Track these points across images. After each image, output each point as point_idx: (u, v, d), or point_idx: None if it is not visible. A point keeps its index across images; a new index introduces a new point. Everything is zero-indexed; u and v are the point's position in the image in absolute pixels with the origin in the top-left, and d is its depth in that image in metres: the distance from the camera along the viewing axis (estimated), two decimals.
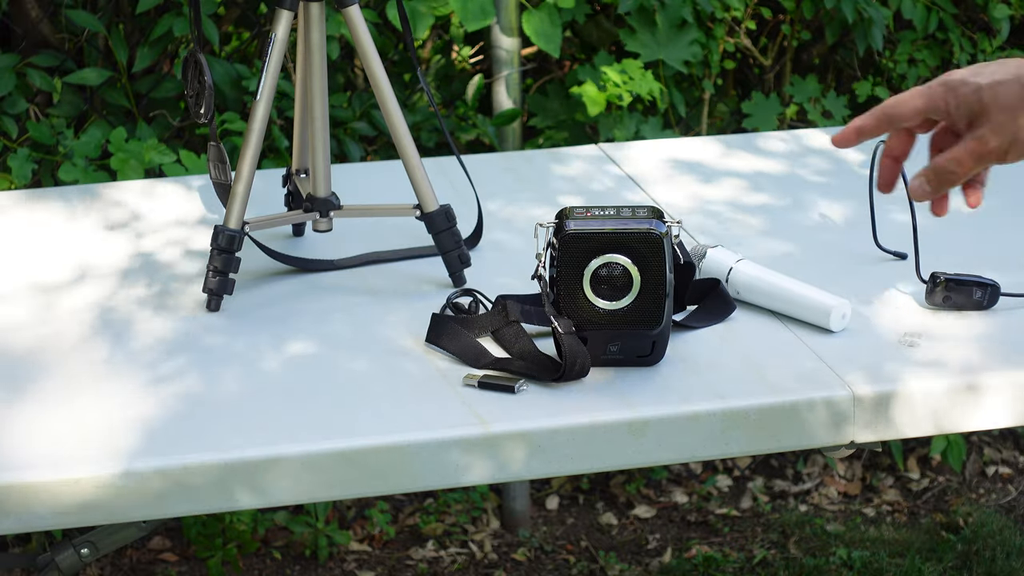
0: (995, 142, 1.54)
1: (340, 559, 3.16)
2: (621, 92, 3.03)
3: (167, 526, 3.11)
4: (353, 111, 3.01)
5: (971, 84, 1.53)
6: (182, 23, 2.86)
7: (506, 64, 3.13)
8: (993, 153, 1.54)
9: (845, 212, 2.18)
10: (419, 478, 1.67)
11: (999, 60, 1.55)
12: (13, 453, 1.63)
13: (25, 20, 2.90)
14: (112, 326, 1.90)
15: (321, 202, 2.03)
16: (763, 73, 3.36)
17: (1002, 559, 3.12)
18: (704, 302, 1.90)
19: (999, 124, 1.53)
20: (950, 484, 3.41)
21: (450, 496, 3.29)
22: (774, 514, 3.30)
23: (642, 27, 3.12)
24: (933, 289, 1.91)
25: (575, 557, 3.18)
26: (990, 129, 1.54)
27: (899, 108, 1.57)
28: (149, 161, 2.75)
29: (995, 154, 1.54)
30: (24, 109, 2.85)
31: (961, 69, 1.56)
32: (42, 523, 1.60)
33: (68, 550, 1.94)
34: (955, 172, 1.56)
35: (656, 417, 1.71)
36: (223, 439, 1.66)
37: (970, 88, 1.54)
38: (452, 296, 1.94)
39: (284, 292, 1.99)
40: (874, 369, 1.79)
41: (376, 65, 1.98)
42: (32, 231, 2.19)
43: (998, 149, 1.54)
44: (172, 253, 2.11)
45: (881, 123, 1.58)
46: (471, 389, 1.75)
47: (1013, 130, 1.53)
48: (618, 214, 1.75)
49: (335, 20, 2.87)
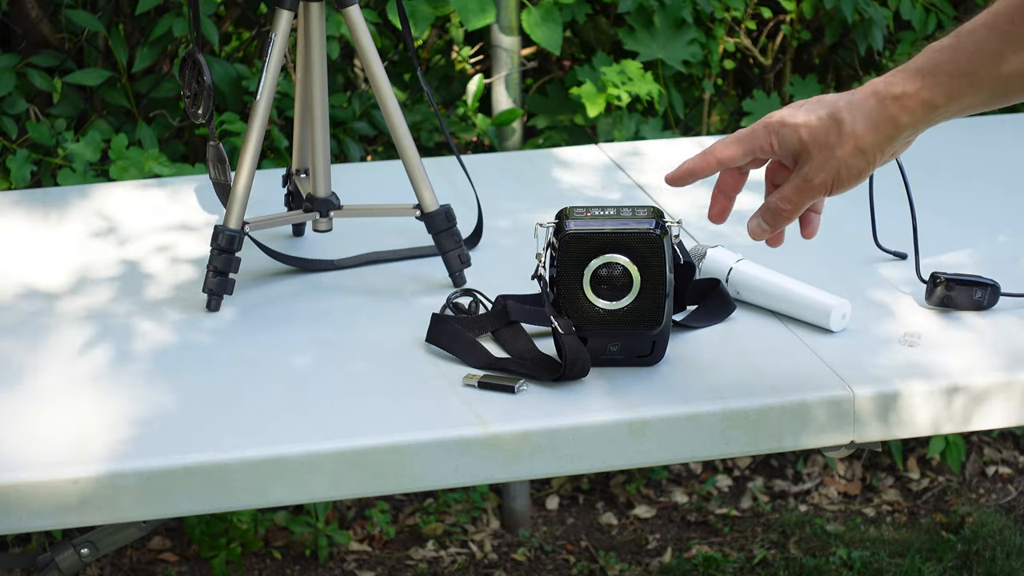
0: (819, 179, 1.59)
1: (340, 559, 3.16)
2: (620, 93, 3.03)
3: (167, 526, 3.11)
4: (353, 111, 3.01)
5: (790, 125, 1.59)
6: (182, 23, 2.86)
7: (506, 64, 3.13)
8: (818, 189, 1.60)
9: (845, 212, 2.18)
10: (419, 478, 1.67)
11: (816, 98, 1.60)
12: (13, 453, 1.63)
13: (25, 20, 2.90)
14: (112, 326, 1.90)
15: (321, 202, 2.03)
16: (763, 73, 3.36)
17: (1002, 559, 3.12)
18: (704, 302, 1.90)
19: (821, 161, 1.58)
20: (950, 484, 3.41)
21: (450, 496, 3.29)
22: (774, 514, 3.30)
23: (641, 27, 3.12)
24: (933, 289, 1.91)
25: (575, 557, 3.18)
26: (813, 167, 1.59)
27: (725, 153, 1.64)
28: (148, 171, 2.75)
29: (821, 189, 1.60)
30: (24, 109, 2.85)
31: (780, 110, 1.61)
32: (42, 523, 1.60)
33: (68, 550, 1.94)
34: (787, 210, 1.62)
35: (656, 417, 1.71)
36: (223, 439, 1.66)
37: (789, 129, 1.59)
38: (452, 296, 1.94)
39: (284, 292, 1.99)
40: (874, 369, 1.79)
41: (376, 65, 1.98)
42: (30, 232, 2.19)
43: (823, 185, 1.59)
44: (172, 253, 2.10)
45: (711, 165, 1.65)
46: (471, 389, 1.75)
47: (835, 166, 1.58)
48: (618, 214, 1.76)
49: (335, 20, 2.87)
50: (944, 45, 1.53)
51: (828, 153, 1.57)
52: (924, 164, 2.19)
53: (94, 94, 2.94)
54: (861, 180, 1.59)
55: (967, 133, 2.60)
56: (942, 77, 1.53)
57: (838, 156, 1.57)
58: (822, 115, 1.57)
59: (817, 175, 1.59)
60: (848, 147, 1.57)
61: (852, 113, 1.56)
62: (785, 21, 3.32)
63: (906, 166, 2.01)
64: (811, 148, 1.58)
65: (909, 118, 1.55)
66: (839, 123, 1.56)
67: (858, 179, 1.59)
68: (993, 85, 1.52)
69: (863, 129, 1.56)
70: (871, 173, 1.59)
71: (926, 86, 1.53)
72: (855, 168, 1.58)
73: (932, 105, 1.54)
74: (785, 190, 1.62)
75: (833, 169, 1.58)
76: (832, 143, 1.57)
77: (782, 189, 1.62)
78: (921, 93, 1.53)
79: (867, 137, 1.56)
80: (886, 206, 2.07)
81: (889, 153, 1.59)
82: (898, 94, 1.54)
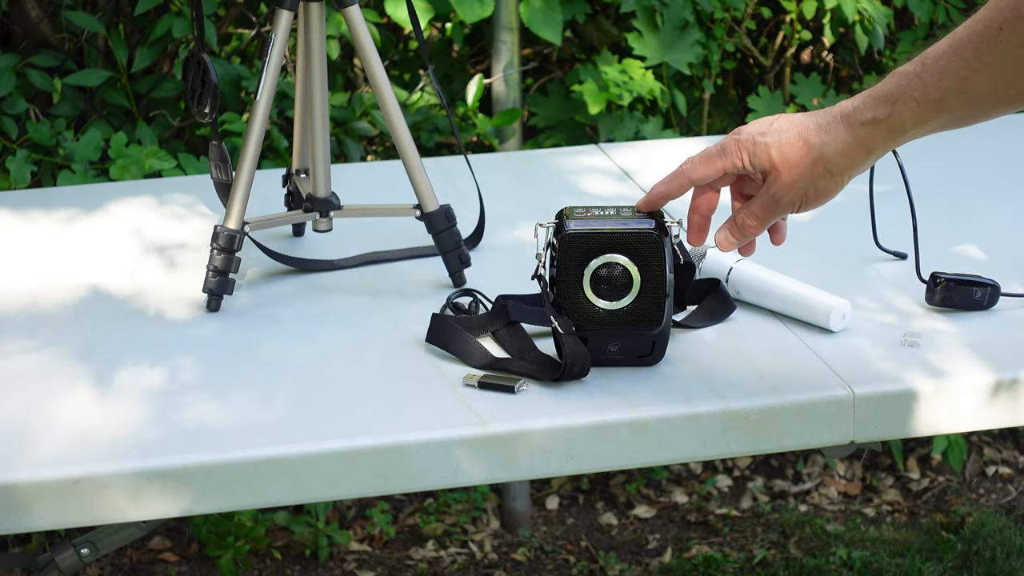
0: (787, 198, 1.62)
1: (340, 559, 3.16)
2: (622, 92, 3.03)
3: (167, 526, 3.11)
4: (353, 111, 3.01)
5: (760, 143, 1.62)
6: (182, 23, 2.86)
7: (506, 64, 3.13)
8: (786, 207, 1.63)
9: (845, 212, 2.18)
10: (419, 478, 1.67)
11: (786, 116, 1.63)
12: (13, 453, 1.63)
13: (25, 20, 2.90)
14: (112, 326, 1.90)
15: (321, 202, 2.03)
16: (763, 73, 3.36)
17: (1002, 559, 3.12)
18: (704, 302, 1.90)
19: (790, 182, 1.61)
20: (950, 484, 3.41)
21: (450, 496, 3.29)
22: (774, 514, 3.30)
23: (648, 30, 3.12)
24: (933, 289, 1.91)
25: (575, 557, 3.18)
26: (781, 187, 1.62)
27: (697, 172, 1.66)
28: (149, 168, 2.75)
29: (788, 208, 1.63)
30: (24, 109, 2.85)
31: (749, 125, 1.64)
32: (42, 523, 1.60)
33: (68, 550, 1.94)
34: (753, 226, 1.65)
35: (656, 417, 1.71)
36: (223, 439, 1.66)
37: (760, 147, 1.62)
38: (452, 296, 1.94)
39: (284, 292, 2.00)
40: (874, 369, 1.79)
41: (376, 65, 1.98)
42: (30, 232, 2.19)
43: (790, 204, 1.63)
44: (172, 253, 2.10)
45: (683, 186, 1.68)
46: (471, 389, 1.75)
47: (803, 186, 1.61)
48: (618, 214, 1.76)
49: (335, 20, 2.87)
50: (910, 71, 1.56)
51: (797, 174, 1.60)
52: (924, 164, 2.19)
53: (94, 94, 2.94)
54: (828, 199, 1.62)
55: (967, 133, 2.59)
56: (911, 103, 1.56)
57: (807, 177, 1.60)
58: (792, 136, 1.60)
59: (785, 195, 1.62)
60: (818, 169, 1.60)
61: (822, 137, 1.59)
62: (785, 21, 3.32)
63: (906, 166, 2.01)
64: (780, 168, 1.61)
65: (878, 143, 1.58)
66: (809, 147, 1.59)
67: (825, 199, 1.62)
68: (960, 109, 1.56)
69: (833, 153, 1.59)
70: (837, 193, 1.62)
71: (895, 113, 1.56)
72: (823, 189, 1.61)
73: (900, 130, 1.57)
74: (752, 207, 1.64)
75: (801, 190, 1.61)
76: (802, 165, 1.60)
77: (750, 205, 1.65)
78: (890, 120, 1.57)
79: (837, 161, 1.59)
80: (886, 206, 2.07)
81: (857, 173, 1.62)
82: (867, 120, 1.57)
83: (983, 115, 1.58)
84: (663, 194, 1.69)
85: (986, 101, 1.55)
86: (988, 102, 1.56)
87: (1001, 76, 1.53)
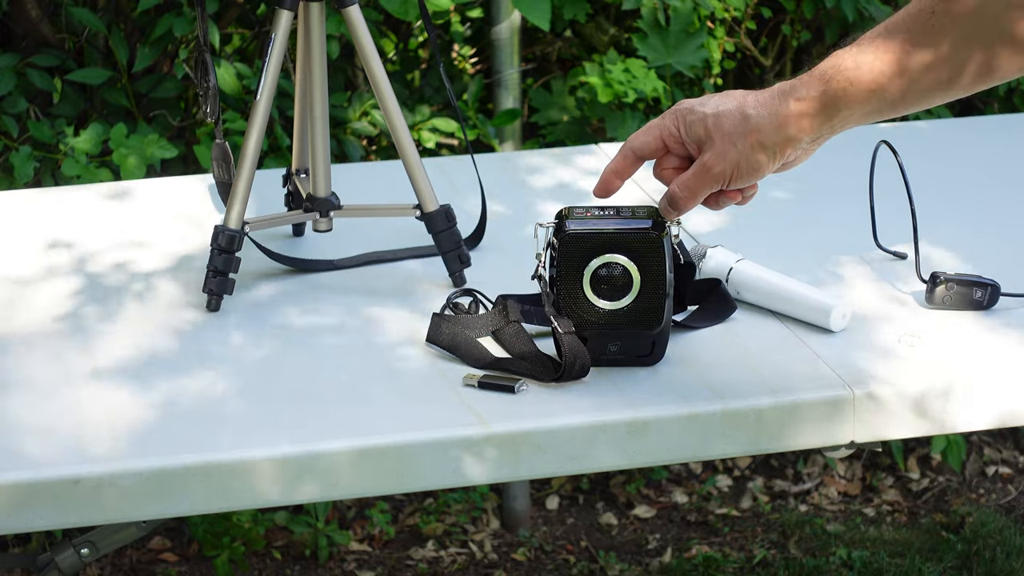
0: (718, 168, 1.63)
1: (340, 559, 3.16)
2: (627, 89, 3.03)
3: (167, 526, 3.11)
4: (353, 111, 3.01)
5: (698, 112, 1.64)
6: (182, 23, 2.86)
7: (506, 63, 3.13)
8: (717, 178, 1.64)
9: (845, 211, 2.18)
10: (419, 478, 1.67)
11: (727, 91, 1.65)
12: (13, 453, 1.63)
13: (25, 20, 2.90)
14: (112, 326, 1.90)
15: (321, 202, 2.03)
16: (763, 73, 3.36)
17: (1002, 559, 3.12)
18: (704, 302, 1.90)
19: (722, 151, 1.63)
20: (950, 484, 3.41)
21: (450, 496, 3.29)
22: (774, 514, 3.30)
23: (652, 31, 3.11)
24: (933, 289, 1.91)
25: (575, 557, 3.18)
26: (713, 156, 1.63)
27: (637, 141, 1.68)
28: (151, 156, 2.75)
29: (719, 179, 1.64)
30: (24, 109, 2.85)
31: (691, 99, 1.66)
32: (42, 523, 1.60)
33: (68, 550, 1.94)
34: (683, 196, 1.66)
35: (656, 417, 1.71)
36: (222, 439, 1.66)
37: (696, 116, 1.64)
38: (452, 296, 1.94)
39: (284, 292, 2.00)
40: (874, 369, 1.79)
41: (376, 65, 1.98)
42: (31, 230, 2.19)
43: (721, 175, 1.64)
44: (172, 253, 2.10)
45: (629, 160, 1.70)
46: (471, 389, 1.75)
47: (734, 156, 1.62)
48: (618, 214, 1.76)
49: (335, 20, 2.87)
50: (846, 52, 1.58)
51: (730, 144, 1.62)
52: (924, 164, 2.19)
53: (94, 94, 2.94)
54: (759, 177, 1.63)
55: (967, 133, 2.60)
56: (843, 83, 1.57)
57: (739, 148, 1.61)
58: (730, 107, 1.62)
59: (716, 164, 1.63)
60: (751, 141, 1.61)
61: (758, 109, 1.61)
62: (785, 21, 3.32)
63: (906, 166, 2.01)
64: (715, 137, 1.62)
65: (809, 122, 1.59)
66: (746, 118, 1.61)
67: (756, 175, 1.63)
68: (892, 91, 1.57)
69: (767, 126, 1.60)
70: (769, 172, 1.63)
71: (828, 91, 1.58)
72: (754, 163, 1.62)
73: (833, 109, 1.58)
74: (685, 177, 1.66)
75: (732, 160, 1.62)
76: (735, 135, 1.61)
77: (682, 176, 1.66)
78: (823, 98, 1.58)
79: (770, 134, 1.60)
80: (886, 206, 2.07)
81: (792, 155, 1.63)
82: (801, 96, 1.59)
83: (917, 101, 1.58)
84: (614, 171, 1.70)
85: (919, 84, 1.56)
86: (921, 86, 1.56)
87: (933, 60, 1.54)
